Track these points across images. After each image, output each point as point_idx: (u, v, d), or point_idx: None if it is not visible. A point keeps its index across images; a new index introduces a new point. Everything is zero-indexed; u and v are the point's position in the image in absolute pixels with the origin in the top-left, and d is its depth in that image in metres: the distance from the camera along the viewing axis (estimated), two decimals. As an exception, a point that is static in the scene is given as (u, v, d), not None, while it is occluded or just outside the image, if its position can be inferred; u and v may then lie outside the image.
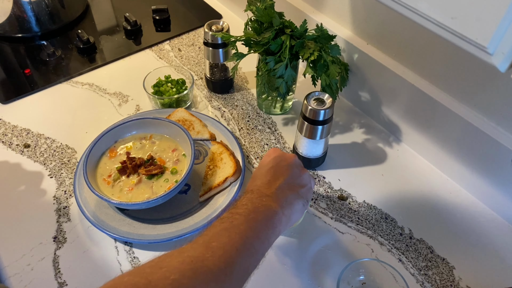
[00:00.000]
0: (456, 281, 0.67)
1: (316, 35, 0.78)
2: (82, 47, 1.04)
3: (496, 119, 0.69)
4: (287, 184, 0.60)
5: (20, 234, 0.71)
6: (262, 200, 0.56)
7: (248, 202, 0.55)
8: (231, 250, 0.47)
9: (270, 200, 0.56)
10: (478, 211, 0.75)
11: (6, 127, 0.88)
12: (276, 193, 0.58)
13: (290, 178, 0.61)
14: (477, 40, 0.38)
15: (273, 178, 0.60)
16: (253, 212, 0.53)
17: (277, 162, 0.63)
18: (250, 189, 0.59)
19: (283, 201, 0.57)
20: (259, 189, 0.58)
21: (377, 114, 0.88)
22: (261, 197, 0.56)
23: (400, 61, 0.80)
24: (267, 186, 0.59)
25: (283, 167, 0.62)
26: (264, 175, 0.61)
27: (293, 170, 0.63)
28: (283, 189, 0.59)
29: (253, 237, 0.51)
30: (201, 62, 1.04)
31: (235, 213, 0.53)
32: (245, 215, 0.52)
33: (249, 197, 0.56)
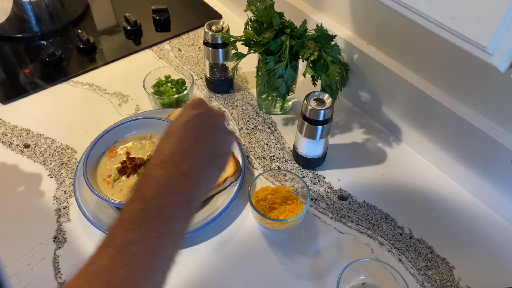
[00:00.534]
0: (456, 281, 0.67)
1: (316, 35, 0.78)
2: (82, 47, 1.04)
3: (496, 119, 0.69)
4: (208, 153, 0.48)
5: (20, 234, 0.71)
6: (177, 185, 0.44)
7: (159, 190, 0.43)
8: (139, 278, 0.39)
9: (186, 183, 0.45)
10: (478, 211, 0.75)
11: (6, 127, 0.88)
12: (195, 168, 0.46)
13: (213, 144, 0.49)
14: (477, 40, 0.38)
15: (193, 144, 0.48)
16: (166, 207, 0.43)
17: (201, 121, 0.50)
18: (163, 158, 0.46)
19: (202, 177, 0.47)
20: (174, 161, 0.46)
21: (377, 114, 0.88)
22: (175, 177, 0.45)
23: (400, 61, 0.80)
24: (184, 156, 0.46)
25: (208, 130, 0.50)
26: (182, 136, 0.48)
27: (219, 135, 0.51)
28: (203, 162, 0.48)
29: (167, 244, 0.42)
30: (201, 62, 1.04)
31: (143, 211, 0.42)
32: (155, 215, 0.42)
33: (160, 177, 0.44)
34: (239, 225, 0.73)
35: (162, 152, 0.47)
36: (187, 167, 0.46)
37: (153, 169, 0.45)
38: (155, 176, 0.44)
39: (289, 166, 0.82)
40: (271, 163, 0.82)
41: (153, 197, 0.43)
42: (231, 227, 0.73)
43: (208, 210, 0.73)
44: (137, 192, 0.44)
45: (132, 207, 0.42)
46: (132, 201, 0.43)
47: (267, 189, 0.74)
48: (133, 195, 0.44)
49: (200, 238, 0.71)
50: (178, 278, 0.67)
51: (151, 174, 0.45)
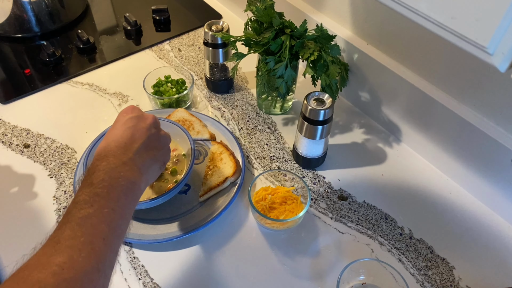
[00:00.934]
0: (456, 281, 0.67)
1: (316, 35, 0.78)
2: (82, 47, 1.04)
3: (496, 119, 0.69)
4: (145, 147, 0.57)
5: (20, 234, 0.71)
6: (120, 171, 0.51)
7: (105, 176, 0.50)
8: (99, 242, 0.44)
9: (128, 170, 0.52)
10: (478, 211, 0.75)
11: (6, 127, 0.88)
12: (134, 159, 0.54)
13: (148, 140, 0.58)
14: (477, 40, 0.38)
15: (130, 141, 0.56)
16: (113, 189, 0.49)
17: (134, 123, 0.59)
18: (104, 154, 0.53)
19: (142, 167, 0.54)
20: (114, 155, 0.53)
21: (377, 114, 0.88)
22: (118, 166, 0.52)
23: (400, 61, 0.80)
24: (123, 150, 0.54)
25: (141, 129, 0.58)
26: (120, 136, 0.56)
27: (151, 131, 0.60)
28: (141, 153, 0.56)
29: (119, 219, 0.48)
30: (201, 62, 1.04)
31: (94, 193, 0.47)
32: (105, 196, 0.48)
33: (104, 167, 0.51)
34: (239, 225, 0.73)
35: (104, 149, 0.54)
36: (127, 158, 0.53)
37: (97, 162, 0.52)
38: (100, 167, 0.51)
39: (289, 166, 0.82)
40: (271, 163, 0.82)
41: (100, 182, 0.49)
42: (231, 227, 0.73)
43: (208, 210, 0.73)
44: (85, 181, 0.50)
45: (84, 192, 0.48)
46: (83, 188, 0.49)
47: (267, 189, 0.74)
48: (82, 184, 0.50)
49: (200, 238, 0.71)
50: (178, 278, 0.67)
51: (96, 165, 0.51)
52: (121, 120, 0.59)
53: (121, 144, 0.55)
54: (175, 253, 0.69)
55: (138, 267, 0.68)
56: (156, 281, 0.66)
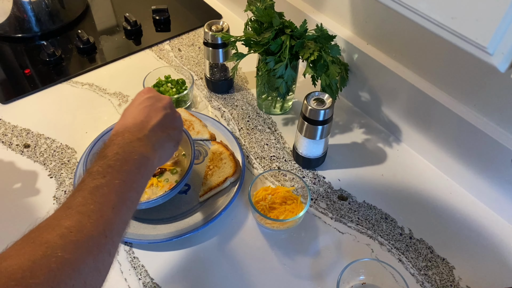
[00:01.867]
0: (456, 281, 0.67)
1: (316, 35, 0.78)
2: (82, 47, 1.04)
3: (496, 119, 0.69)
4: (160, 125, 0.59)
5: (19, 234, 0.71)
6: (134, 146, 0.53)
7: (119, 150, 0.52)
8: (108, 210, 0.46)
9: (142, 146, 0.54)
10: (478, 211, 0.75)
11: (6, 127, 0.88)
12: (149, 136, 0.56)
13: (164, 119, 0.60)
14: (477, 40, 0.38)
15: (146, 119, 0.58)
16: (126, 162, 0.51)
17: (151, 103, 0.61)
18: (121, 131, 0.55)
19: (156, 144, 0.56)
20: (130, 131, 0.55)
21: (377, 114, 0.88)
22: (132, 141, 0.54)
23: (400, 61, 0.80)
24: (139, 127, 0.56)
25: (157, 108, 0.61)
26: (137, 114, 0.59)
27: (167, 111, 0.62)
28: (156, 131, 0.58)
29: (129, 191, 0.49)
30: (201, 62, 1.04)
31: (107, 165, 0.49)
32: (118, 168, 0.50)
33: (120, 142, 0.53)
34: (239, 225, 0.73)
35: (121, 126, 0.57)
36: (142, 135, 0.55)
37: (113, 137, 0.54)
38: (116, 141, 0.53)
39: (289, 166, 0.82)
40: (271, 163, 0.82)
41: (114, 155, 0.51)
42: (231, 227, 0.73)
43: (208, 210, 0.73)
44: (101, 154, 0.52)
45: (98, 164, 0.50)
46: (97, 160, 0.51)
47: (267, 189, 0.74)
48: (98, 157, 0.51)
49: (200, 238, 0.71)
50: (178, 278, 0.67)
51: (112, 140, 0.54)
52: (138, 99, 0.62)
53: (137, 121, 0.57)
54: (175, 253, 0.69)
55: (138, 267, 0.68)
56: (156, 281, 0.66)
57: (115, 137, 0.54)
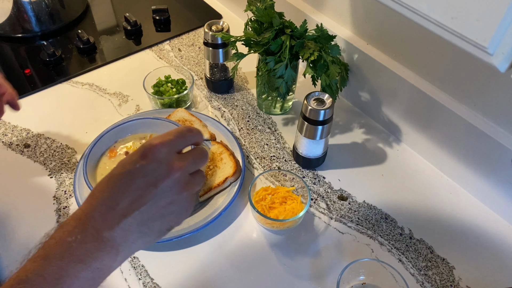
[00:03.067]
0: (456, 281, 0.67)
1: (316, 35, 0.78)
2: (82, 47, 1.04)
3: (496, 119, 0.69)
4: (143, 214, 0.41)
5: (19, 234, 0.71)
6: (88, 252, 0.39)
7: (65, 252, 0.39)
8: None
9: (102, 250, 0.40)
10: (478, 211, 0.75)
11: (6, 127, 0.88)
12: (117, 235, 0.41)
13: (155, 200, 0.42)
14: (477, 40, 0.38)
15: (118, 198, 0.41)
16: (68, 277, 0.38)
17: (142, 178, 0.42)
18: (83, 214, 0.41)
19: (126, 245, 0.41)
20: (93, 219, 0.40)
21: (377, 114, 0.88)
22: (88, 242, 0.40)
23: (400, 61, 0.80)
24: (105, 211, 0.41)
25: (149, 190, 0.42)
26: (110, 188, 0.42)
27: (162, 198, 0.42)
28: (130, 227, 0.41)
29: None
30: (201, 62, 1.04)
31: (40, 273, 0.38)
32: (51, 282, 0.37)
33: (71, 239, 0.39)
34: (239, 225, 0.73)
35: (89, 203, 0.42)
36: (107, 230, 0.40)
37: (73, 230, 0.40)
38: (68, 240, 0.40)
39: (289, 166, 0.82)
40: (271, 163, 0.82)
41: (54, 262, 0.39)
42: (231, 227, 0.73)
43: (208, 210, 0.73)
44: (41, 251, 0.40)
45: (31, 266, 0.39)
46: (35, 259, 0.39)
47: (267, 189, 0.74)
48: (39, 250, 0.40)
49: (200, 238, 0.71)
50: (178, 278, 0.67)
51: (63, 227, 0.41)
52: (128, 165, 0.43)
53: (105, 201, 0.42)
54: (175, 253, 0.69)
55: (138, 267, 0.68)
56: (156, 281, 0.66)
57: (72, 226, 0.40)
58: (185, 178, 0.44)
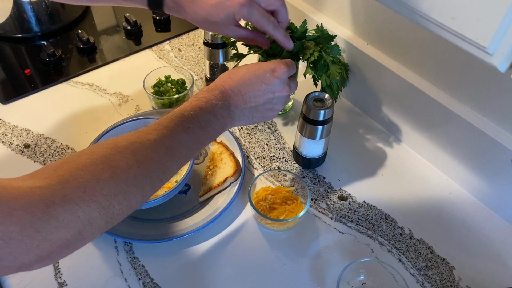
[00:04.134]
0: (456, 281, 0.67)
1: (316, 35, 0.78)
2: (82, 47, 1.04)
3: (496, 119, 0.69)
4: (256, 107, 0.61)
5: (20, 234, 0.71)
6: (222, 114, 0.58)
7: (211, 109, 0.57)
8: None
9: (226, 117, 0.59)
10: (478, 211, 0.75)
11: (6, 127, 0.88)
12: (237, 112, 0.60)
13: (266, 102, 0.62)
14: (477, 40, 0.38)
15: (248, 89, 0.60)
16: (211, 125, 0.56)
17: (265, 76, 0.61)
18: (226, 90, 0.59)
19: (236, 121, 0.61)
20: (229, 97, 0.59)
21: (377, 114, 0.88)
22: (224, 109, 0.58)
23: (400, 61, 0.80)
24: (238, 94, 0.59)
25: (266, 86, 0.61)
26: (246, 79, 0.60)
27: (277, 105, 0.63)
28: (245, 111, 0.61)
29: (171, 159, 0.52)
30: (201, 62, 1.04)
31: (197, 117, 0.55)
32: (180, 129, 0.53)
33: (216, 102, 0.58)
34: (239, 225, 0.73)
35: (230, 83, 0.60)
36: (234, 108, 0.60)
37: (216, 93, 0.59)
38: (213, 99, 0.58)
39: (289, 166, 0.82)
40: (271, 163, 0.82)
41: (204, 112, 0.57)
42: (231, 227, 0.73)
43: (208, 210, 0.73)
44: (195, 102, 0.58)
45: (189, 110, 0.56)
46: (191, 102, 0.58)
47: (267, 189, 0.74)
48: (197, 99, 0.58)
49: (200, 238, 0.71)
50: (178, 278, 0.67)
51: (211, 95, 0.59)
52: (266, 69, 0.61)
53: (243, 92, 0.60)
54: (175, 253, 0.69)
55: (138, 267, 0.68)
56: (156, 281, 0.66)
57: (215, 92, 0.59)
58: (287, 96, 0.65)
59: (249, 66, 0.62)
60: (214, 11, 0.62)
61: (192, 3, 0.63)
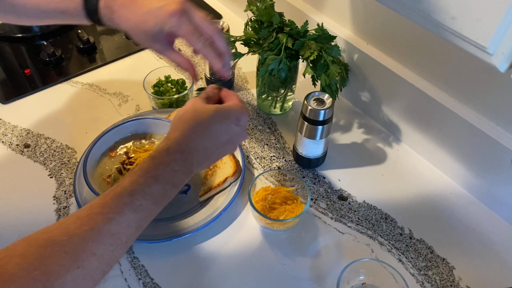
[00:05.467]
0: (456, 281, 0.67)
1: (317, 35, 0.78)
2: (82, 47, 1.04)
3: (496, 119, 0.69)
4: (218, 157, 0.59)
5: (19, 234, 0.71)
6: (182, 179, 0.54)
7: (169, 178, 0.52)
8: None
9: (188, 177, 0.55)
10: (478, 211, 0.75)
11: (6, 127, 0.88)
12: (198, 169, 0.56)
13: (229, 150, 0.60)
14: (477, 40, 0.38)
15: (211, 142, 0.56)
16: (166, 197, 0.52)
17: (228, 126, 0.57)
18: (187, 149, 0.54)
19: (201, 168, 0.57)
20: (191, 156, 0.54)
21: (377, 114, 0.88)
22: (185, 173, 0.54)
23: (400, 61, 0.80)
24: (200, 151, 0.55)
25: (228, 136, 0.57)
26: (206, 131, 0.56)
27: (231, 144, 0.60)
28: (207, 165, 0.58)
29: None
30: (201, 62, 1.04)
31: (149, 190, 0.49)
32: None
33: (167, 172, 0.52)
34: (239, 225, 0.73)
35: (190, 139, 0.55)
36: (196, 167, 0.55)
37: (175, 155, 0.53)
38: (174, 165, 0.53)
39: (289, 166, 0.82)
40: (271, 163, 0.82)
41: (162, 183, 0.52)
42: (231, 227, 0.73)
43: (208, 210, 0.73)
44: (153, 171, 0.51)
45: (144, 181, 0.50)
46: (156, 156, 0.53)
47: (267, 189, 0.74)
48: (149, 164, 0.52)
49: (200, 238, 0.71)
50: (178, 278, 0.67)
51: (171, 159, 0.53)
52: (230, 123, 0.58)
53: (205, 143, 0.56)
54: (175, 253, 0.69)
55: (138, 267, 0.68)
56: (156, 281, 0.66)
57: (175, 154, 0.53)
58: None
59: (212, 114, 0.57)
60: (145, 18, 0.59)
61: (124, 9, 0.60)
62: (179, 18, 0.58)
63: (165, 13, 0.58)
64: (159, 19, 0.58)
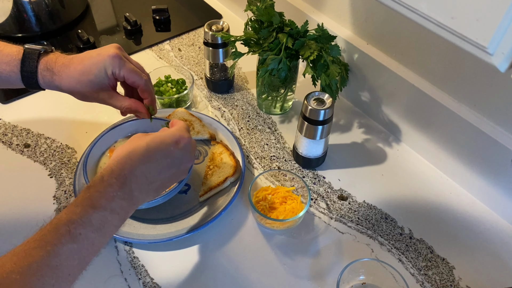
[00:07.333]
0: (456, 281, 0.67)
1: (317, 35, 0.78)
2: (82, 47, 1.04)
3: (496, 119, 0.69)
4: (162, 184, 0.58)
5: (19, 234, 0.71)
6: (115, 212, 0.51)
7: (108, 205, 0.50)
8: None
9: (130, 205, 0.53)
10: (478, 211, 0.75)
11: (6, 127, 0.88)
12: (141, 196, 0.55)
13: (173, 176, 0.60)
14: (477, 40, 0.38)
15: (151, 168, 0.55)
16: (107, 224, 0.50)
17: (169, 150, 0.57)
18: (125, 176, 0.52)
19: (142, 202, 0.56)
20: (130, 183, 0.53)
21: (377, 114, 0.88)
22: (124, 199, 0.52)
23: (400, 61, 0.80)
24: (140, 177, 0.54)
25: (171, 161, 0.58)
26: (146, 158, 0.55)
27: (185, 166, 0.61)
28: (150, 192, 0.57)
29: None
30: (201, 62, 1.04)
31: (87, 218, 0.48)
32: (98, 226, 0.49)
33: (105, 198, 0.50)
34: (239, 225, 0.73)
35: (130, 165, 0.54)
36: (137, 193, 0.54)
37: (113, 181, 0.52)
38: (111, 191, 0.51)
39: (289, 166, 0.82)
40: (271, 163, 0.82)
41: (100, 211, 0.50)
42: (231, 227, 0.73)
43: (208, 210, 0.73)
44: (87, 201, 0.50)
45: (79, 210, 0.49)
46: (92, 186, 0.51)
47: (267, 189, 0.74)
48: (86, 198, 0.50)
49: (200, 238, 0.71)
50: (178, 278, 0.67)
51: (107, 184, 0.52)
52: (171, 147, 0.58)
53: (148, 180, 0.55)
54: (175, 253, 0.69)
55: (138, 267, 0.68)
56: (156, 281, 0.66)
57: (111, 180, 0.51)
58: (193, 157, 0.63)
59: (148, 140, 0.57)
60: (87, 68, 0.62)
61: (66, 68, 0.63)
62: (119, 59, 0.62)
63: (106, 57, 0.62)
64: (101, 63, 0.62)
